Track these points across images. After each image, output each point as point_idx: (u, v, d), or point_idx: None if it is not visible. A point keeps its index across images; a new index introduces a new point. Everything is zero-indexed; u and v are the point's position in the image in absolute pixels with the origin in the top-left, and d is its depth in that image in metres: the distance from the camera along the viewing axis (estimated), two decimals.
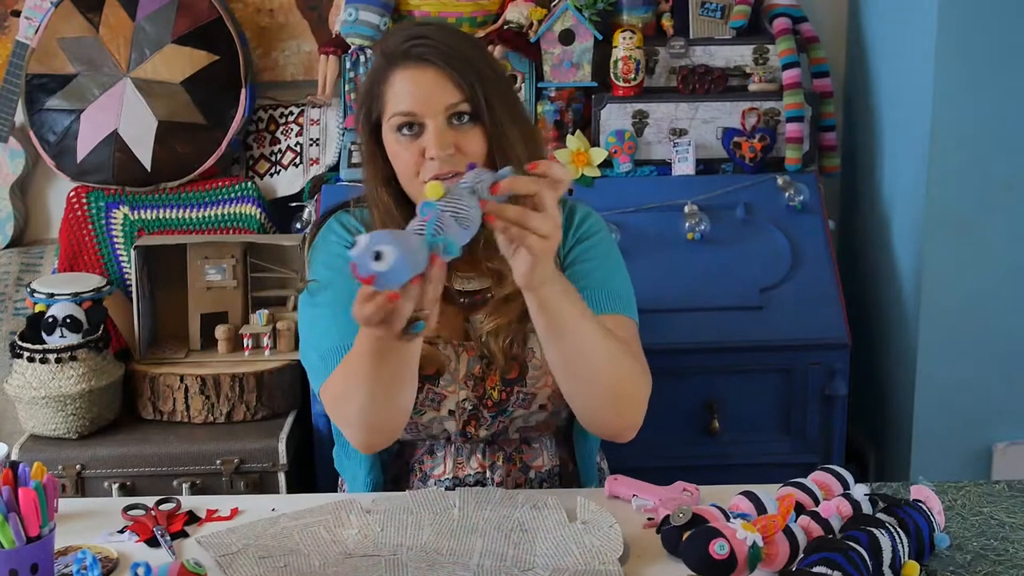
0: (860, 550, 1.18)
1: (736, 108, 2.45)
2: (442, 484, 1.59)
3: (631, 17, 2.50)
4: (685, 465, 1.93)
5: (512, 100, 1.54)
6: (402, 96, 1.48)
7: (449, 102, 1.47)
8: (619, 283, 1.59)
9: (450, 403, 1.55)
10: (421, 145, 1.48)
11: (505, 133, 1.49)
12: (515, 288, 1.48)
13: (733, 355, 2.21)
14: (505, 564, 1.29)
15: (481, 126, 1.49)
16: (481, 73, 1.48)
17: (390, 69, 1.49)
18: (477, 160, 1.48)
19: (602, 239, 1.62)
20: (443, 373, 1.55)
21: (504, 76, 1.55)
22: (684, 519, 1.30)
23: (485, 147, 1.49)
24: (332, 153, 2.55)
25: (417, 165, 1.49)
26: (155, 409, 2.26)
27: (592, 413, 1.51)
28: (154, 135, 2.45)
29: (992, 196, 2.24)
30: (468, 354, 1.56)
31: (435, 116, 1.47)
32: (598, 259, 1.59)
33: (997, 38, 2.17)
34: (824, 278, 2.29)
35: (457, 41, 1.51)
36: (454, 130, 1.48)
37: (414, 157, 1.48)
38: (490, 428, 1.57)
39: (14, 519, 1.18)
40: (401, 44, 1.49)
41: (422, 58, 1.47)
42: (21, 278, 2.53)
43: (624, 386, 1.48)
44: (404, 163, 1.50)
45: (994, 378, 2.30)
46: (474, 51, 1.52)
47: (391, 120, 1.49)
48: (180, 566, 1.22)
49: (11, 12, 2.56)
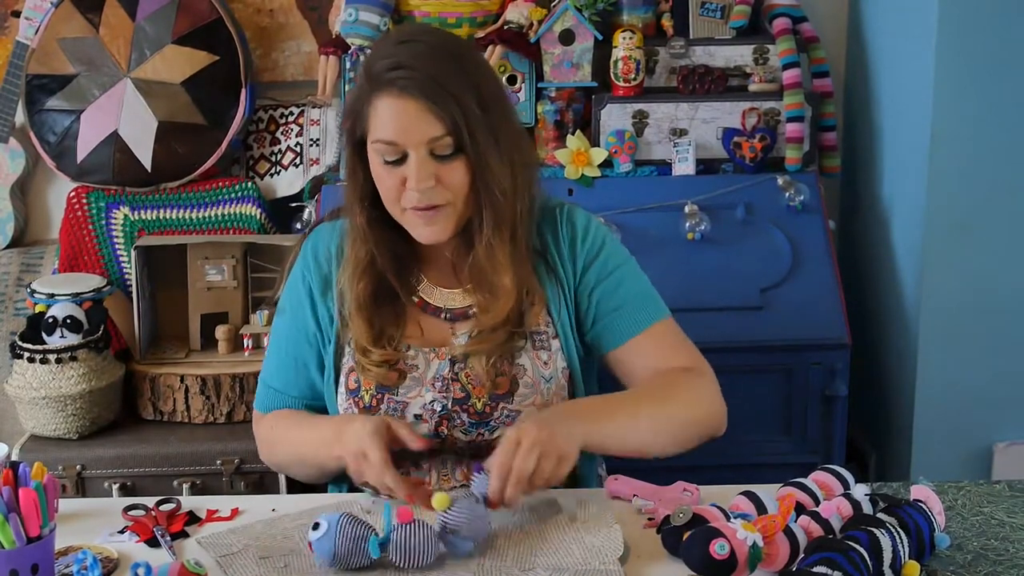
0: (860, 550, 1.18)
1: (736, 108, 2.45)
2: None
3: (631, 17, 2.50)
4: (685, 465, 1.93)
5: (499, 129, 1.50)
6: (385, 124, 1.46)
7: (431, 135, 1.45)
8: (642, 286, 1.62)
9: (415, 407, 1.53)
10: (403, 174, 1.47)
11: (489, 165, 1.48)
12: (500, 319, 1.51)
13: (733, 355, 2.21)
14: (505, 564, 1.29)
15: (465, 157, 1.47)
16: (464, 106, 1.45)
17: (373, 93, 1.47)
18: (458, 193, 1.48)
19: (611, 246, 1.62)
20: (403, 381, 1.54)
21: (493, 101, 1.50)
22: (684, 519, 1.30)
23: (468, 179, 1.48)
24: (332, 153, 2.55)
25: (398, 192, 1.48)
26: (155, 409, 2.26)
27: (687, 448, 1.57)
28: (154, 135, 2.45)
29: (992, 196, 2.24)
30: (439, 359, 1.54)
31: (417, 147, 1.45)
32: (616, 270, 1.60)
33: (997, 38, 2.17)
34: (824, 278, 2.29)
35: (443, 69, 1.46)
36: (436, 161, 1.46)
37: (396, 184, 1.48)
38: (468, 434, 1.54)
39: (14, 519, 1.18)
40: (385, 71, 1.45)
41: (404, 89, 1.44)
42: (21, 278, 2.53)
43: (696, 416, 1.56)
44: (386, 188, 1.49)
45: (994, 378, 2.30)
46: (460, 78, 1.47)
47: (374, 146, 1.48)
48: (180, 566, 1.22)
49: (11, 12, 2.56)
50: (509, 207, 1.51)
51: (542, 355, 1.55)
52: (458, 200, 1.49)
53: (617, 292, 1.59)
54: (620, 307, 1.58)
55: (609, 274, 1.59)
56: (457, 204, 1.50)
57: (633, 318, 1.58)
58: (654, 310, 1.60)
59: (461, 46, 1.57)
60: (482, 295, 1.54)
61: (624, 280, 1.60)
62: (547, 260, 1.58)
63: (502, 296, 1.52)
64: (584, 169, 2.42)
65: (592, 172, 2.42)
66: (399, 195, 1.48)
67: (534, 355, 1.54)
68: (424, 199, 1.47)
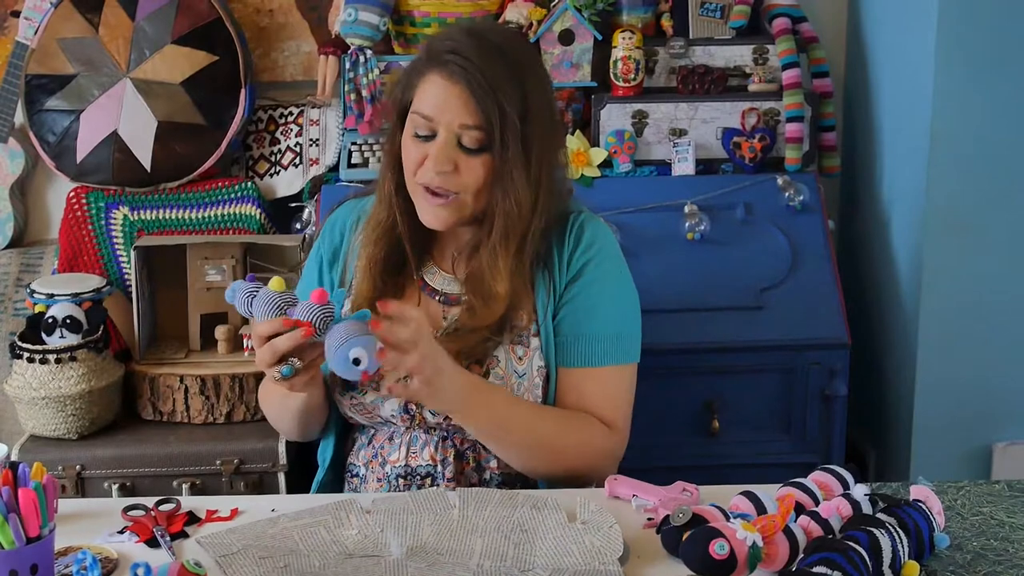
0: (860, 550, 1.18)
1: (736, 108, 2.45)
2: (396, 470, 1.61)
3: (631, 17, 2.50)
4: (685, 465, 1.94)
5: (534, 144, 1.52)
6: (427, 99, 1.52)
7: (463, 122, 1.50)
8: (614, 326, 1.60)
9: (390, 379, 1.51)
10: (427, 151, 1.52)
11: (512, 174, 1.51)
12: (484, 324, 1.54)
13: (733, 355, 2.21)
14: (505, 564, 1.29)
15: (489, 157, 1.51)
16: (503, 109, 1.49)
17: (428, 68, 1.53)
18: (471, 187, 1.52)
19: (604, 269, 1.61)
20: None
21: (537, 117, 1.52)
22: (684, 519, 1.30)
23: (485, 178, 1.52)
24: (332, 153, 2.55)
25: (418, 166, 1.53)
26: (155, 409, 2.26)
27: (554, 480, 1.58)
28: (154, 135, 2.45)
29: (992, 196, 2.24)
30: None
31: (448, 129, 1.51)
32: (598, 297, 1.59)
33: (997, 38, 2.17)
34: (824, 278, 2.29)
35: (496, 70, 1.50)
36: (461, 151, 1.51)
37: (418, 158, 1.53)
38: (435, 415, 1.58)
39: (14, 519, 1.18)
40: (444, 52, 1.52)
41: (454, 74, 1.50)
42: (21, 278, 2.53)
43: (569, 463, 1.56)
44: (409, 159, 1.55)
45: (994, 378, 2.30)
46: (509, 83, 1.50)
47: (412, 116, 1.54)
48: (180, 566, 1.22)
49: (11, 13, 2.56)
50: (523, 221, 1.54)
51: (518, 350, 1.57)
52: (468, 194, 1.53)
53: (585, 320, 1.59)
54: (580, 336, 1.58)
55: (588, 298, 1.59)
56: (466, 198, 1.53)
57: (586, 352, 1.58)
58: (613, 353, 1.59)
59: (524, 54, 1.60)
60: (474, 298, 1.56)
61: (598, 309, 1.59)
62: (546, 263, 1.59)
63: (493, 303, 1.54)
64: (584, 169, 2.42)
65: (592, 172, 2.42)
66: (417, 169, 1.53)
67: (510, 348, 1.57)
68: (437, 180, 1.51)
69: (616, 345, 1.59)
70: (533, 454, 1.55)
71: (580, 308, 1.59)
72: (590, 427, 1.57)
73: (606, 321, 1.59)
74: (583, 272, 1.59)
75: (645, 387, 1.69)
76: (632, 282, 1.65)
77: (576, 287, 1.59)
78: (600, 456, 1.58)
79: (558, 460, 1.56)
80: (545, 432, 1.55)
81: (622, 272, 1.64)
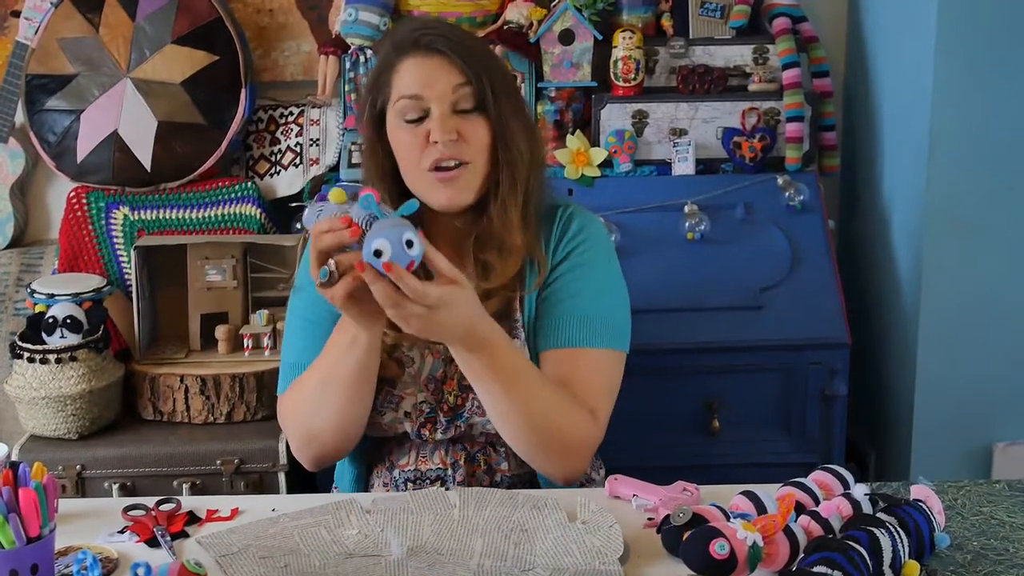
0: (860, 550, 1.18)
1: (736, 108, 2.45)
2: (405, 475, 1.61)
3: (631, 17, 2.51)
4: (685, 465, 1.93)
5: (516, 96, 1.57)
6: (409, 81, 1.51)
7: (454, 83, 1.50)
8: (600, 309, 1.56)
9: (407, 404, 1.56)
10: (425, 130, 1.50)
11: (509, 126, 1.52)
12: (507, 278, 1.52)
13: (733, 355, 2.21)
14: (505, 564, 1.29)
15: (485, 117, 1.51)
16: (487, 65, 1.52)
17: (399, 58, 1.52)
18: (479, 151, 1.51)
19: (592, 255, 1.58)
20: (402, 376, 1.57)
21: (509, 73, 1.60)
22: (684, 519, 1.30)
23: (489, 138, 1.52)
24: (332, 153, 2.55)
25: (420, 150, 1.51)
26: (155, 409, 2.26)
27: (526, 456, 1.53)
28: (154, 135, 2.45)
29: (992, 196, 2.24)
30: (433, 356, 1.57)
31: (441, 101, 1.50)
32: (583, 281, 1.56)
33: (997, 38, 2.17)
34: (824, 278, 2.29)
35: (464, 35, 1.57)
36: (458, 117, 1.51)
37: (418, 141, 1.51)
38: (446, 432, 1.57)
39: (14, 519, 1.18)
40: (410, 34, 1.53)
41: (430, 46, 1.51)
42: (21, 278, 2.53)
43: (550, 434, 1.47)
44: (407, 148, 1.52)
45: (994, 378, 2.30)
46: (480, 46, 1.58)
47: (397, 104, 1.52)
48: (180, 566, 1.22)
49: (11, 12, 2.56)
50: (525, 169, 1.54)
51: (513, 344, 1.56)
52: (479, 160, 1.52)
53: (569, 299, 1.55)
54: (564, 314, 1.54)
55: (574, 280, 1.56)
56: (478, 164, 1.52)
57: (569, 332, 1.53)
58: (599, 335, 1.54)
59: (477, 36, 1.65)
60: (491, 255, 1.53)
61: (585, 292, 1.55)
62: (536, 255, 1.58)
63: (512, 254, 1.53)
64: (584, 169, 2.42)
65: (592, 172, 2.42)
66: (420, 154, 1.51)
67: None
68: (447, 151, 1.49)
69: (601, 327, 1.54)
70: (525, 420, 1.46)
71: (565, 288, 1.55)
72: (579, 410, 1.50)
73: (592, 302, 1.55)
74: (570, 256, 1.58)
75: (645, 386, 1.70)
76: (621, 274, 1.62)
77: (562, 268, 1.57)
78: (578, 443, 1.51)
79: (544, 435, 1.48)
80: (547, 400, 1.47)
81: (611, 261, 1.62)
